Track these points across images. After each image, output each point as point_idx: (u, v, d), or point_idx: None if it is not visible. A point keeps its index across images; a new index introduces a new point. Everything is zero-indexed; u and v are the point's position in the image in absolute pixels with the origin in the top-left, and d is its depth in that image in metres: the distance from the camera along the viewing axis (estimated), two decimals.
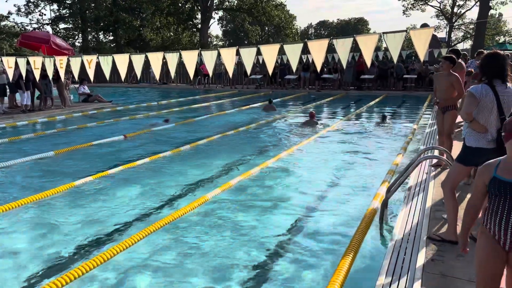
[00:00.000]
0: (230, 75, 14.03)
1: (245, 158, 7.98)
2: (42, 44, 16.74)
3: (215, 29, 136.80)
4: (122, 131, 10.31)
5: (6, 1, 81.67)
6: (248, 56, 10.28)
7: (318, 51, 9.14)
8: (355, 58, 22.48)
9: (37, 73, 12.87)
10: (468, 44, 45.71)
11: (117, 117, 13.39)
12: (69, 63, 12.61)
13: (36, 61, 12.76)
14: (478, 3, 36.08)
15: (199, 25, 44.21)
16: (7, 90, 13.67)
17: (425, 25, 24.05)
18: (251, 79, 24.43)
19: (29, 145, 9.04)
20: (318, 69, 10.92)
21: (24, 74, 12.67)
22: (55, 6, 41.67)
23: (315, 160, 7.62)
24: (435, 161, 6.15)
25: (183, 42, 43.69)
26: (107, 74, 11.77)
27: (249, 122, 11.93)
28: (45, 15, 47.51)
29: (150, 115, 13.71)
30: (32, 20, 43.28)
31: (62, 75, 13.09)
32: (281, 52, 10.11)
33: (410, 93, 20.27)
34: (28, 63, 12.63)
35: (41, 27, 41.18)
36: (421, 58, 8.27)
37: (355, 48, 13.05)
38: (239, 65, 22.94)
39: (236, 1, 44.81)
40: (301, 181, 6.39)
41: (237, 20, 56.27)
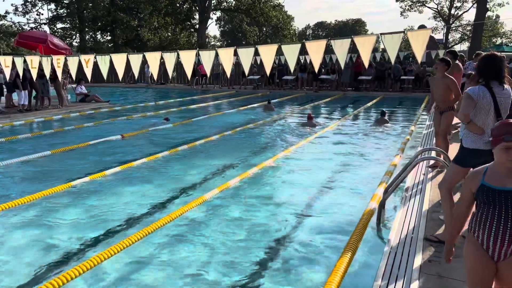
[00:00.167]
0: (228, 76, 14.04)
1: (242, 158, 7.97)
2: (40, 44, 16.67)
3: (213, 29, 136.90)
4: (119, 131, 10.29)
5: (3, 1, 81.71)
6: (246, 56, 10.27)
7: (316, 52, 9.14)
8: (353, 59, 22.53)
9: (34, 73, 12.84)
10: (465, 45, 45.92)
11: (114, 117, 13.38)
12: (66, 62, 12.58)
13: (34, 61, 12.73)
14: (475, 5, 36.24)
15: (197, 26, 44.22)
16: (4, 89, 13.63)
17: (422, 27, 24.14)
18: (249, 80, 24.44)
19: (26, 145, 9.00)
20: (316, 70, 10.91)
21: (21, 73, 12.63)
22: (52, 6, 41.62)
23: (312, 161, 7.62)
24: (432, 162, 6.17)
25: (180, 42, 43.64)
26: (104, 74, 11.76)
27: (247, 123, 11.92)
28: (42, 14, 47.67)
29: (148, 115, 13.69)
30: (30, 19, 43.15)
31: (60, 74, 13.05)
32: (279, 52, 10.11)
33: (408, 94, 20.32)
34: (25, 62, 12.59)
35: (39, 26, 41.09)
36: (419, 59, 8.28)
37: (352, 49, 13.05)
38: (237, 65, 22.95)
39: (234, 2, 44.84)
40: (298, 182, 6.39)
41: (235, 21, 56.30)
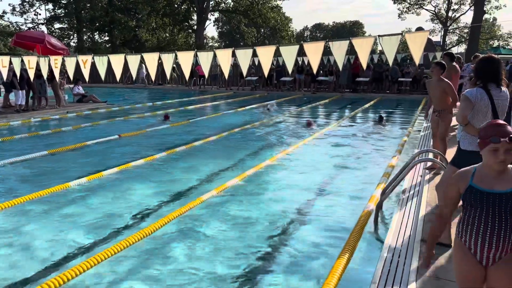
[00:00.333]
0: (226, 77, 14.04)
1: (240, 159, 7.96)
2: (37, 44, 16.67)
3: (211, 30, 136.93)
4: (117, 132, 10.27)
5: (1, 0, 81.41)
6: (244, 57, 10.29)
7: (314, 53, 9.16)
8: (351, 61, 22.56)
9: (31, 73, 12.80)
10: (462, 48, 46.04)
11: (112, 117, 13.35)
12: (63, 63, 12.56)
13: (31, 61, 12.69)
14: (472, 8, 36.38)
15: (195, 27, 44.23)
16: (1, 89, 13.59)
17: (420, 29, 24.23)
18: (247, 81, 24.44)
19: (23, 145, 8.97)
20: (314, 71, 10.94)
21: (18, 73, 12.60)
22: (50, 6, 41.60)
23: (310, 162, 7.62)
24: (429, 164, 6.18)
25: (178, 43, 43.64)
26: (102, 74, 11.74)
27: (245, 124, 11.92)
28: (40, 14, 47.51)
29: (145, 116, 13.67)
30: (27, 19, 43.24)
31: (57, 74, 13.03)
32: (277, 54, 10.13)
33: (405, 96, 20.36)
34: (22, 61, 12.56)
35: (36, 26, 41.06)
36: (416, 61, 8.33)
37: (350, 51, 13.06)
38: (235, 66, 22.96)
39: (232, 3, 44.86)
40: (295, 183, 6.38)
41: (233, 22, 56.32)
